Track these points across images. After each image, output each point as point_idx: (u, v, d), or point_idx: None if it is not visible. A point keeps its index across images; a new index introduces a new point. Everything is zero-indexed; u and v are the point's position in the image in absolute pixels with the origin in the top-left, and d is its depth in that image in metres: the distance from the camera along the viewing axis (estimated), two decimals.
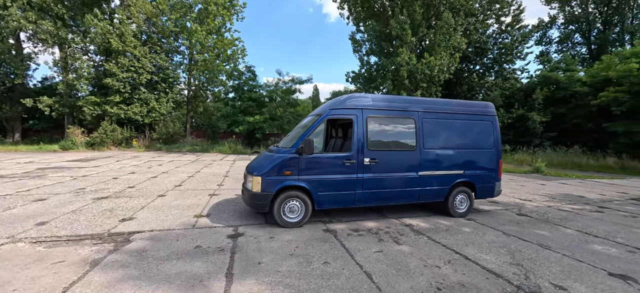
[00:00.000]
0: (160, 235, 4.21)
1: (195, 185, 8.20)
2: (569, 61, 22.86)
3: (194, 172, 10.77)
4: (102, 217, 4.95)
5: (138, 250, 3.63)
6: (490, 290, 3.02)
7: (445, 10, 23.33)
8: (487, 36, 28.07)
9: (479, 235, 4.70)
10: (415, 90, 23.19)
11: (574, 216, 6.15)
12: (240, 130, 21.79)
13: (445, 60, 22.27)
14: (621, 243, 4.58)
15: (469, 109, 5.92)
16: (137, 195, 6.66)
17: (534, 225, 5.42)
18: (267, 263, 3.39)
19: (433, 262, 3.63)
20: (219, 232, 4.40)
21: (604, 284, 3.23)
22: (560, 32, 30.53)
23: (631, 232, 5.17)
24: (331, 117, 4.96)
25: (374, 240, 4.32)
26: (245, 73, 23.40)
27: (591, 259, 3.90)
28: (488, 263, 3.64)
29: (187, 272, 3.11)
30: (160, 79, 23.43)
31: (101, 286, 2.79)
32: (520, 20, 26.28)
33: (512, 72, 27.53)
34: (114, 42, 19.92)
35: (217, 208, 5.79)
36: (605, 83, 17.64)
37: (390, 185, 5.18)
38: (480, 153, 5.84)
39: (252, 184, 4.63)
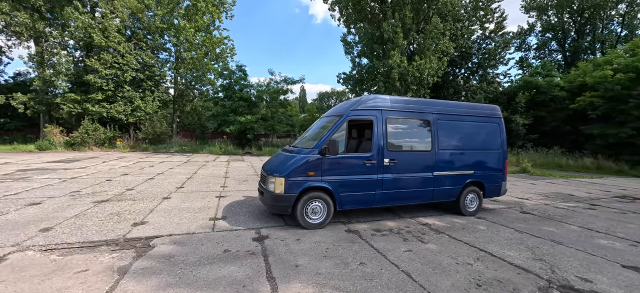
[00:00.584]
0: (182, 239, 4.04)
1: (197, 186, 7.93)
2: (548, 67, 24.23)
3: (191, 173, 10.42)
4: (112, 222, 4.67)
5: (165, 256, 3.46)
6: (525, 284, 3.14)
7: (434, 15, 24.06)
8: (472, 41, 29.20)
9: (494, 233, 4.87)
10: (406, 93, 23.70)
11: (572, 213, 6.51)
12: (231, 130, 21.32)
13: (434, 63, 22.94)
14: (622, 237, 4.91)
15: (477, 111, 6.13)
16: (139, 198, 6.34)
17: (540, 222, 5.69)
18: (304, 266, 3.34)
19: (463, 259, 3.72)
20: (242, 235, 4.27)
21: (622, 276, 3.45)
22: (538, 39, 32.31)
23: (626, 227, 5.55)
24: (352, 118, 4.97)
25: (399, 239, 4.37)
26: (236, 72, 22.94)
27: (602, 253, 4.14)
28: (514, 259, 3.78)
29: (227, 277, 3.00)
30: (146, 77, 22.47)
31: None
32: (503, 27, 27.56)
33: (495, 76, 28.76)
34: (96, 37, 18.89)
35: (230, 210, 5.63)
36: (581, 88, 18.85)
37: (408, 185, 5.26)
38: (488, 154, 6.06)
39: (274, 185, 4.54)
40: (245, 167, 13.02)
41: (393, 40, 21.65)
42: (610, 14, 27.74)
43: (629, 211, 6.86)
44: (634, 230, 5.37)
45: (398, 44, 21.68)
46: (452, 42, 25.12)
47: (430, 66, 22.25)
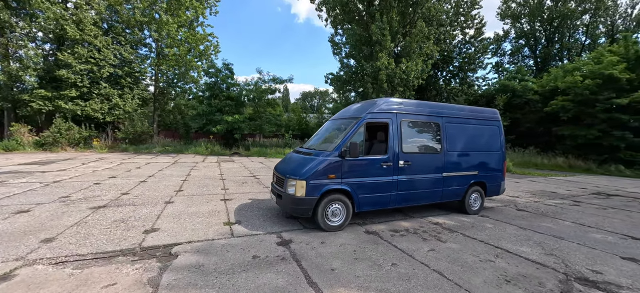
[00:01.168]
0: (203, 246, 3.88)
1: (197, 189, 7.64)
2: (523, 72, 25.82)
3: (184, 175, 10.01)
4: (119, 230, 4.39)
5: (193, 265, 3.31)
6: (547, 278, 3.36)
7: (419, 19, 24.82)
8: (454, 46, 30.47)
9: (501, 230, 5.14)
10: (393, 94, 24.26)
11: (561, 210, 7.02)
12: (218, 130, 20.70)
13: (419, 66, 23.69)
14: (611, 231, 5.37)
15: (480, 114, 6.43)
16: (140, 203, 6.01)
17: (536, 219, 6.07)
18: (340, 269, 3.34)
19: (485, 257, 3.90)
20: (264, 240, 4.19)
21: (625, 267, 3.78)
22: (512, 46, 34.32)
23: (611, 222, 6.07)
24: (369, 121, 5.02)
25: (418, 239, 4.49)
26: (222, 70, 22.28)
27: (600, 246, 4.51)
28: (529, 255, 4.01)
29: (267, 284, 2.94)
30: (124, 73, 21.25)
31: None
32: (482, 33, 29.01)
33: (475, 80, 30.21)
34: (70, 29, 17.56)
35: (242, 214, 5.48)
36: (553, 92, 20.28)
37: (420, 186, 5.41)
38: (490, 155, 6.38)
39: (295, 189, 4.49)
40: (238, 168, 12.71)
41: (381, 43, 22.06)
42: (576, 24, 30.07)
43: (609, 207, 7.51)
44: (618, 224, 5.88)
45: (386, 46, 22.13)
46: (436, 45, 26.08)
47: (416, 68, 22.93)
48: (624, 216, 6.53)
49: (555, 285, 3.22)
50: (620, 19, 30.25)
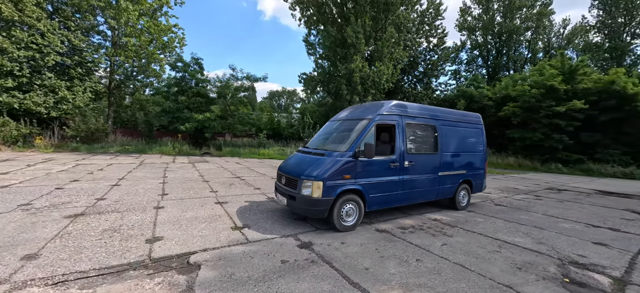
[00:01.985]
0: (222, 254, 3.64)
1: (184, 193, 7.09)
2: (479, 80, 28.50)
3: (160, 177, 9.20)
4: (116, 240, 3.91)
5: (223, 276, 3.09)
6: (548, 263, 3.79)
7: (389, 25, 26.00)
8: (419, 52, 32.50)
9: (492, 224, 5.65)
10: (366, 96, 25.07)
11: (528, 203, 7.93)
12: (187, 129, 19.38)
13: (390, 70, 24.82)
14: (575, 221, 6.22)
15: (466, 118, 6.99)
16: (124, 209, 5.39)
17: (514, 212, 6.79)
18: (374, 268, 3.39)
19: (491, 248, 4.26)
20: (284, 244, 4.06)
21: (598, 250, 4.41)
22: (468, 55, 37.67)
23: (571, 212, 7.02)
24: (378, 122, 5.15)
25: (427, 235, 4.73)
26: (191, 65, 20.89)
27: (573, 234, 5.21)
28: (524, 245, 4.48)
29: (313, 288, 2.86)
30: (74, 63, 18.79)
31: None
32: (444, 42, 31.40)
33: (438, 85, 32.57)
34: (5, 8, 14.99)
35: (246, 218, 5.23)
36: (504, 99, 22.74)
37: (421, 185, 5.71)
38: (475, 155, 6.97)
39: (311, 190, 4.43)
40: (216, 169, 12.06)
41: (355, 45, 22.62)
42: (520, 39, 34.11)
43: (564, 200, 8.68)
44: (577, 214, 6.84)
45: (360, 49, 22.76)
46: (404, 51, 27.58)
47: (387, 72, 23.98)
48: (578, 208, 7.61)
49: (556, 269, 3.65)
50: (554, 36, 35.14)
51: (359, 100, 24.36)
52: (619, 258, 4.12)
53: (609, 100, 17.91)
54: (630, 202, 8.79)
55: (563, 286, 3.23)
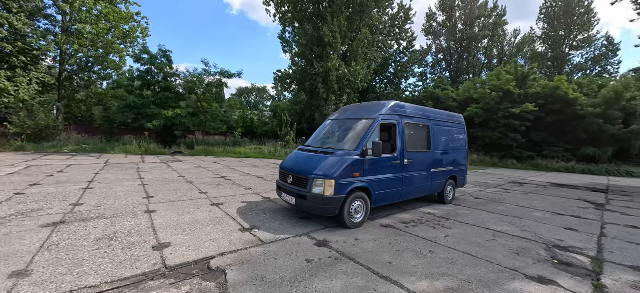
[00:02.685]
0: (242, 257, 3.51)
1: (171, 195, 6.64)
2: (444, 82, 30.53)
3: (136, 179, 8.48)
4: (116, 249, 3.56)
5: (254, 278, 2.99)
6: (537, 248, 4.27)
7: (364, 27, 26.71)
8: (390, 54, 33.85)
9: (479, 216, 6.17)
10: (342, 95, 25.49)
11: (500, 196, 8.77)
12: (155, 126, 18.01)
13: (364, 70, 25.53)
14: (543, 210, 7.03)
15: (451, 118, 7.51)
16: (111, 215, 4.91)
17: (493, 204, 7.47)
18: (396, 262, 3.53)
19: (487, 237, 4.67)
20: (301, 243, 4.04)
21: (571, 235, 5.05)
22: (433, 59, 40.13)
23: (538, 203, 7.91)
24: (382, 122, 5.32)
25: (428, 228, 5.03)
26: (158, 57, 19.42)
27: (547, 222, 5.90)
28: (513, 233, 4.98)
29: (349, 285, 2.91)
30: (16, 50, 16.40)
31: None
32: (413, 45, 33.08)
33: (407, 87, 34.22)
34: None
35: (250, 219, 5.08)
36: (467, 101, 24.68)
37: (418, 181, 6.03)
38: (459, 153, 7.53)
39: (323, 188, 4.45)
40: (195, 169, 11.43)
41: (332, 45, 22.86)
42: (478, 46, 37.22)
43: (528, 192, 9.75)
44: (543, 204, 7.73)
45: (337, 48, 23.06)
46: (378, 52, 28.56)
47: (362, 72, 24.64)
48: (542, 199, 8.61)
49: (545, 253, 4.12)
50: (507, 45, 38.98)
51: (336, 99, 24.71)
52: (588, 241, 4.78)
53: (554, 104, 20.40)
54: (580, 192, 10.16)
55: (555, 267, 3.67)
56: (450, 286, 3.02)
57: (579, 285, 3.20)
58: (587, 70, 34.53)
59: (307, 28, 23.96)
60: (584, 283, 3.26)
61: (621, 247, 4.51)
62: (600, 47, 34.23)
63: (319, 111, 24.51)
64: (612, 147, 19.26)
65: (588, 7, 33.47)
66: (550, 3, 35.86)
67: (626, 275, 3.50)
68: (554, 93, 20.39)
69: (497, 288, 3.04)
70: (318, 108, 24.51)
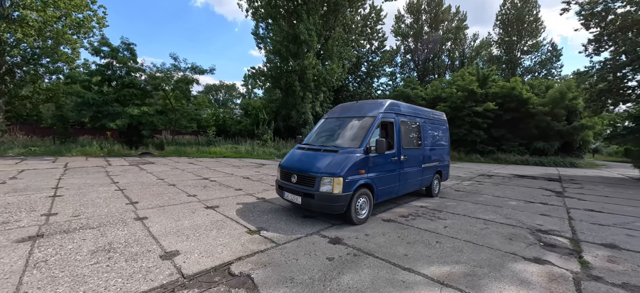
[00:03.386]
0: (262, 260, 3.42)
1: (158, 200, 6.18)
2: (414, 82, 32.09)
3: (109, 183, 7.74)
4: (119, 262, 3.25)
5: (285, 281, 2.93)
6: (524, 232, 4.73)
7: (338, 26, 27.03)
8: (362, 54, 34.68)
9: (464, 207, 6.64)
10: (318, 93, 25.59)
11: (476, 188, 9.52)
12: (118, 126, 16.50)
13: (339, 69, 25.89)
14: (517, 199, 7.77)
15: (436, 116, 7.96)
16: (97, 225, 4.44)
17: (473, 196, 8.09)
18: (411, 254, 3.69)
19: (480, 226, 5.06)
20: (315, 242, 4.03)
21: (546, 220, 5.67)
22: (402, 59, 41.93)
23: (510, 193, 8.72)
24: (381, 120, 5.47)
25: (427, 220, 5.31)
26: (121, 50, 17.77)
27: (523, 209, 6.54)
28: (500, 220, 5.46)
29: (375, 277, 2.98)
30: None
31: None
32: (384, 45, 34.25)
33: (379, 86, 35.35)
34: None
35: (253, 220, 4.94)
36: (435, 99, 26.24)
37: (411, 177, 6.32)
38: (444, 149, 8.02)
39: (332, 186, 4.48)
40: (171, 171, 10.75)
41: (308, 42, 22.82)
42: (443, 48, 39.69)
43: (498, 183, 10.69)
44: (514, 194, 8.55)
45: (313, 46, 23.07)
46: (352, 52, 29.11)
47: (338, 71, 24.96)
48: (511, 189, 9.50)
49: (532, 236, 4.59)
50: (467, 48, 42.10)
51: (312, 97, 24.74)
52: (562, 224, 5.41)
53: (510, 103, 22.53)
54: (539, 182, 11.39)
55: (543, 248, 4.11)
56: (466, 271, 3.25)
57: (568, 262, 3.63)
58: (536, 73, 38.75)
59: (282, 25, 23.62)
60: (571, 260, 3.70)
61: (589, 228, 5.18)
62: (546, 52, 38.62)
63: (295, 109, 24.36)
64: (558, 141, 21.84)
65: (536, 16, 37.51)
66: (504, 11, 39.50)
67: (601, 251, 4.04)
68: (510, 93, 22.52)
69: (504, 270, 3.33)
70: (294, 106, 24.35)
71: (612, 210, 6.75)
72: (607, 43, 14.25)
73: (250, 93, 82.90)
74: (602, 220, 5.76)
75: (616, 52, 13.87)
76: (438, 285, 2.92)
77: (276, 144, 21.53)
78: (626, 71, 13.74)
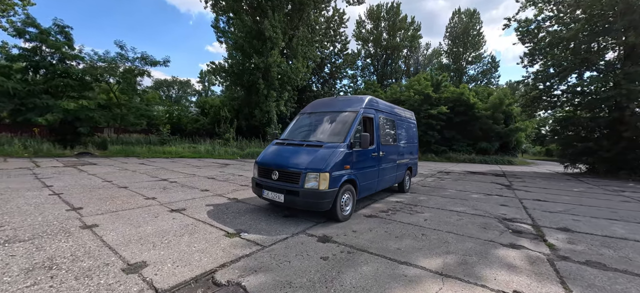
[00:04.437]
0: (250, 265, 3.05)
1: (110, 205, 5.26)
2: (375, 85, 33.39)
3: (40, 187, 6.43)
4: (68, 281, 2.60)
5: (282, 285, 2.62)
6: (494, 222, 5.08)
7: (302, 26, 26.87)
8: (326, 55, 35.03)
9: (435, 200, 6.97)
10: (283, 92, 25.06)
11: (439, 184, 10.13)
12: (49, 121, 14.04)
13: (304, 69, 25.72)
14: (477, 192, 8.43)
15: (408, 115, 8.25)
16: (29, 237, 3.56)
17: (439, 191, 8.56)
18: (402, 247, 3.65)
19: (455, 217, 5.30)
20: (304, 242, 3.76)
21: (507, 209, 6.20)
22: (362, 63, 43.43)
23: (471, 187, 9.45)
24: (363, 115, 5.41)
25: (407, 214, 5.40)
26: (52, 33, 15.16)
27: (485, 201, 7.10)
28: (471, 211, 5.80)
29: (376, 272, 2.84)
30: None
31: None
32: (347, 48, 35.04)
33: (341, 87, 36.04)
34: None
35: (229, 222, 4.47)
36: (395, 102, 27.60)
37: (388, 172, 6.41)
38: (414, 146, 8.34)
39: (318, 182, 4.26)
40: (119, 172, 9.43)
41: (273, 39, 22.20)
42: (399, 55, 42.12)
43: (457, 179, 11.54)
44: (473, 188, 9.28)
45: (278, 44, 22.52)
46: (316, 52, 29.15)
47: (303, 70, 24.77)
48: (469, 184, 10.32)
49: (501, 225, 4.94)
50: (421, 56, 45.34)
51: (277, 96, 24.14)
52: (521, 213, 5.95)
53: (460, 107, 24.77)
54: (490, 177, 12.61)
55: (514, 235, 4.43)
56: (458, 260, 3.31)
57: (538, 246, 3.94)
58: (479, 81, 43.38)
59: (245, 19, 22.60)
60: (540, 244, 4.03)
61: (542, 215, 5.79)
62: (487, 63, 43.55)
63: (258, 107, 23.49)
64: (498, 142, 24.64)
65: (479, 31, 42.11)
66: (453, 24, 43.54)
67: (559, 235, 4.49)
68: (460, 98, 24.77)
69: (490, 256, 3.47)
70: (258, 104, 23.46)
71: (553, 199, 7.70)
72: (539, 56, 16.48)
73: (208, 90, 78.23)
74: (550, 208, 6.50)
75: (546, 65, 16.11)
76: (439, 276, 2.90)
77: (239, 144, 20.50)
78: (553, 81, 16.04)
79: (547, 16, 15.77)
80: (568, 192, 9.05)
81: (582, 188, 10.22)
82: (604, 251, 3.82)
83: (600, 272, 3.17)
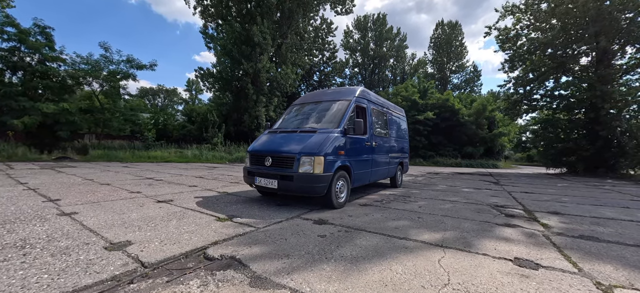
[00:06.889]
0: (245, 241, 2.90)
1: (91, 197, 4.95)
2: None
3: (15, 185, 6.00)
4: (43, 257, 2.39)
5: (279, 256, 2.49)
6: (488, 208, 5.11)
7: (291, 33, 27.14)
8: (314, 63, 35.41)
9: (427, 193, 6.99)
10: (272, 98, 24.98)
11: (431, 182, 10.22)
12: (26, 124, 13.34)
13: (294, 75, 25.83)
14: (467, 188, 8.53)
15: (398, 110, 8.34)
16: (25, 219, 3.29)
17: (432, 186, 8.61)
18: (400, 227, 3.59)
19: (449, 205, 5.31)
20: (300, 224, 3.63)
21: (496, 199, 6.29)
22: (350, 71, 44.16)
23: (461, 184, 9.56)
24: (356, 104, 5.41)
25: (401, 202, 5.37)
26: (32, 33, 14.58)
27: (476, 193, 7.17)
28: (464, 201, 5.83)
29: (375, 245, 2.76)
30: None
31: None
32: (335, 57, 35.57)
33: None
34: None
35: (220, 209, 4.28)
36: None
37: (381, 164, 6.39)
38: (405, 142, 8.41)
39: (312, 166, 4.17)
40: (102, 172, 8.98)
41: (262, 45, 22.25)
42: (386, 64, 43.15)
43: (447, 178, 11.69)
44: (464, 184, 9.39)
45: (267, 50, 22.57)
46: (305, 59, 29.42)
47: (292, 76, 24.86)
48: (460, 181, 10.46)
49: (495, 210, 4.98)
50: (407, 65, 46.63)
51: (266, 101, 24.03)
52: (511, 201, 6.04)
53: (445, 113, 25.41)
54: (478, 176, 12.86)
55: (508, 217, 4.46)
56: (457, 236, 3.27)
57: (533, 225, 3.98)
58: (462, 89, 44.87)
59: (234, 26, 22.60)
60: (534, 223, 4.07)
61: (532, 203, 5.89)
62: (470, 73, 45.24)
63: (247, 113, 23.27)
64: (483, 146, 25.33)
65: (461, 41, 43.90)
66: (437, 35, 45.22)
67: (551, 217, 4.56)
68: (445, 104, 25.46)
69: (487, 232, 3.46)
70: (247, 109, 23.25)
71: (540, 191, 7.89)
72: (518, 62, 17.24)
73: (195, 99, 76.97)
74: (538, 198, 6.64)
75: (525, 70, 16.85)
76: (439, 247, 2.85)
77: (227, 148, 20.11)
78: (532, 86, 16.77)
79: (525, 24, 16.61)
80: (552, 187, 9.32)
81: (565, 184, 10.57)
82: (596, 228, 3.90)
83: (594, 243, 3.21)
